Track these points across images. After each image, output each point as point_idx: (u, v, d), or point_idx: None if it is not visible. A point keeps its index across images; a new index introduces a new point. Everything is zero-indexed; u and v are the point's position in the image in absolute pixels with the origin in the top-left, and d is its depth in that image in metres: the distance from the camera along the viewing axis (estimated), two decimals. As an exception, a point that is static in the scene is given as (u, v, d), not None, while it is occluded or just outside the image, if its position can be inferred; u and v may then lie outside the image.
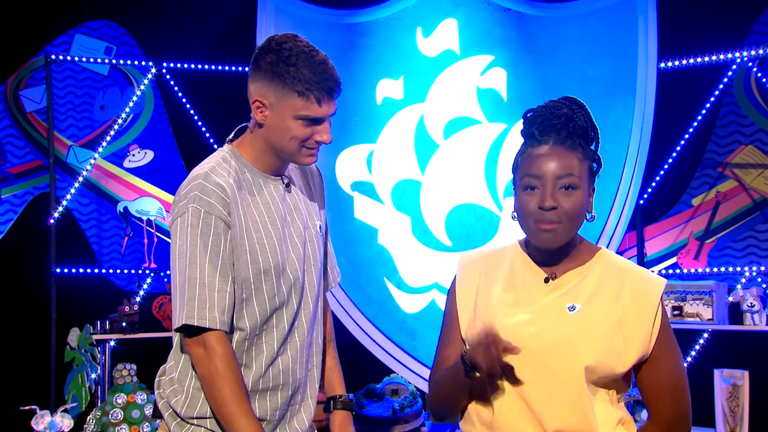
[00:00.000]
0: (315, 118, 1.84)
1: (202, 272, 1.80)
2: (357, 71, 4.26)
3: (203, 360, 1.81)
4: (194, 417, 1.89)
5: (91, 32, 4.51)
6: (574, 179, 1.64)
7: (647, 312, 1.67)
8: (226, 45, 4.57)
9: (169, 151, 4.56)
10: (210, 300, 1.80)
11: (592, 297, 1.68)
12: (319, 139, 1.87)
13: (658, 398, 1.71)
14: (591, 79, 4.03)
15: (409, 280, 4.19)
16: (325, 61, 1.85)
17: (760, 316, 3.69)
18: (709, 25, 4.12)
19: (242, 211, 1.86)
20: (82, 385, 3.81)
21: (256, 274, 1.86)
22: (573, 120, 1.68)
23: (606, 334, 1.64)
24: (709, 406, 3.71)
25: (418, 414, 3.79)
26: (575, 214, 1.65)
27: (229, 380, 1.80)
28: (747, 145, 4.08)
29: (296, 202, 1.99)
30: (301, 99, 1.81)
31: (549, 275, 1.72)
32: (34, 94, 4.44)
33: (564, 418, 1.62)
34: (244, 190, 1.89)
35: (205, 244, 1.80)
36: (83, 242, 4.41)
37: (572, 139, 1.68)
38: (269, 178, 1.94)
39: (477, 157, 4.14)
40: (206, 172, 1.86)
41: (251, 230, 1.87)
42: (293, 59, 1.82)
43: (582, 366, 1.62)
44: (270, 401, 1.92)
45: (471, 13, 4.22)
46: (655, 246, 4.23)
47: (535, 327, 1.66)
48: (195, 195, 1.82)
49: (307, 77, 1.81)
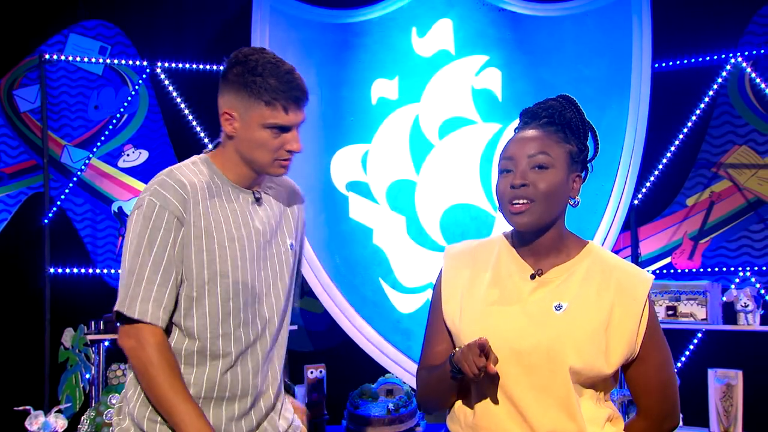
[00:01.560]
0: (282, 125, 1.85)
1: (143, 265, 1.82)
2: (352, 71, 4.26)
3: (135, 351, 1.82)
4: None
5: (85, 32, 4.50)
6: (547, 158, 1.64)
7: (634, 311, 1.66)
8: (221, 45, 4.56)
9: (163, 151, 4.55)
10: (145, 293, 1.81)
11: (579, 295, 1.66)
12: (289, 148, 1.88)
13: (648, 395, 1.71)
14: (585, 79, 4.04)
15: (404, 280, 4.19)
16: (292, 71, 1.88)
17: (754, 316, 3.70)
18: (703, 25, 4.14)
19: (203, 211, 1.86)
20: (76, 385, 3.80)
21: (211, 275, 1.86)
22: (558, 111, 1.69)
23: (592, 335, 1.63)
24: (703, 406, 3.72)
25: (413, 414, 3.79)
26: (549, 193, 1.63)
27: (163, 368, 1.81)
28: (741, 145, 4.09)
29: (267, 217, 1.98)
30: (268, 108, 1.84)
31: (536, 271, 1.70)
32: (28, 93, 4.43)
33: (551, 418, 1.61)
34: (210, 193, 1.89)
35: (153, 237, 1.83)
36: (77, 242, 4.41)
37: (552, 126, 1.69)
38: (239, 188, 1.94)
39: (472, 157, 4.14)
40: (171, 169, 1.90)
41: (212, 231, 1.87)
42: (259, 69, 1.85)
43: (567, 368, 1.60)
44: (226, 410, 1.89)
45: (466, 13, 4.23)
46: (650, 246, 4.24)
47: (521, 326, 1.64)
48: (154, 188, 1.86)
49: (273, 86, 1.83)
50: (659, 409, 1.71)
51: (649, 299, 1.69)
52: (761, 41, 4.04)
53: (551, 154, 1.65)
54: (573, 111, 1.71)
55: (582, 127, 1.71)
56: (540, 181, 1.63)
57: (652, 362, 1.69)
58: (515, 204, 1.64)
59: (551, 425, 1.61)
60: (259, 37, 4.21)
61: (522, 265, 1.72)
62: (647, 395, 1.71)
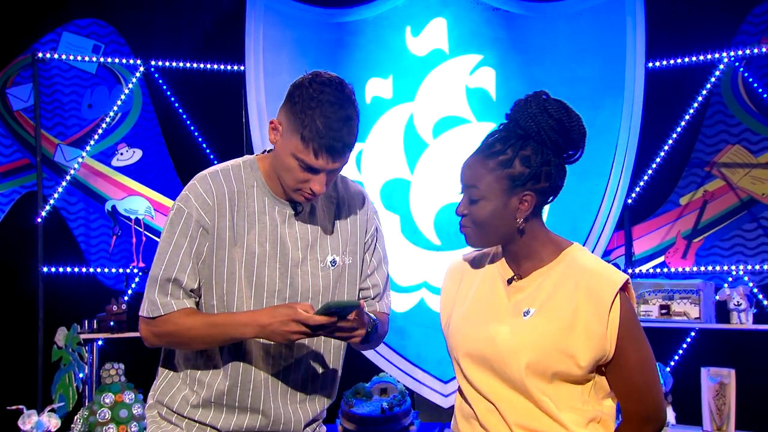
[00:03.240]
0: (309, 166, 1.82)
1: (169, 267, 1.86)
2: (346, 70, 4.25)
3: (167, 325, 1.87)
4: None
5: (78, 30, 4.48)
6: (476, 191, 1.74)
7: (600, 313, 1.65)
8: (214, 43, 4.56)
9: (157, 149, 4.54)
10: (172, 290, 1.87)
11: (547, 300, 1.69)
12: (311, 187, 1.84)
13: (627, 397, 1.70)
14: (579, 79, 4.05)
15: (398, 279, 4.19)
16: (346, 119, 1.80)
17: (747, 315, 3.71)
18: (697, 25, 4.15)
19: (229, 224, 1.88)
20: (69, 384, 3.79)
21: (229, 287, 1.89)
22: (507, 130, 1.74)
23: (550, 338, 1.65)
24: (696, 405, 3.73)
25: (407, 413, 3.79)
26: (481, 222, 1.74)
27: (196, 314, 1.88)
28: (734, 144, 4.11)
29: (303, 232, 1.94)
30: (302, 143, 1.79)
31: (513, 276, 1.76)
32: (21, 92, 4.41)
33: (526, 419, 1.67)
34: (241, 203, 1.90)
35: (180, 243, 1.87)
36: (71, 241, 4.39)
37: (493, 147, 1.73)
38: (277, 199, 1.92)
39: (466, 157, 4.12)
40: (207, 173, 1.92)
41: (236, 244, 1.88)
42: (314, 103, 1.78)
43: (522, 365, 1.65)
44: (237, 419, 1.93)
45: (460, 12, 4.23)
46: (643, 245, 4.25)
47: (492, 332, 1.71)
48: (185, 194, 1.89)
49: (315, 127, 1.77)
50: (641, 411, 1.69)
51: (623, 300, 1.67)
52: (754, 41, 4.05)
53: (481, 186, 1.73)
54: (531, 123, 1.69)
55: (549, 138, 1.68)
56: (473, 212, 1.75)
57: (628, 364, 1.67)
58: (461, 228, 1.78)
59: (523, 420, 1.67)
60: (253, 36, 4.21)
61: (506, 269, 1.79)
62: (626, 398, 1.70)
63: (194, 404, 1.92)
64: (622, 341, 1.66)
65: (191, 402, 1.92)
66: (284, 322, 1.76)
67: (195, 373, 1.93)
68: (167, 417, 1.96)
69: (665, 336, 4.02)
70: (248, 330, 1.80)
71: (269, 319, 1.78)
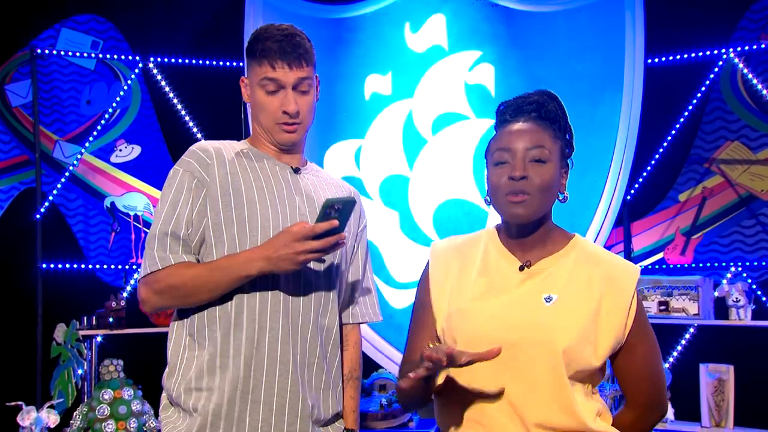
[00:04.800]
0: (272, 79, 1.88)
1: (165, 222, 1.86)
2: (345, 66, 4.25)
3: (169, 278, 1.84)
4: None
5: (77, 26, 4.48)
6: (544, 152, 1.65)
7: (622, 302, 1.66)
8: (213, 39, 4.55)
9: (156, 146, 4.54)
10: (169, 245, 1.85)
11: (568, 286, 1.66)
12: (284, 109, 1.89)
13: (635, 385, 1.72)
14: (579, 75, 4.04)
15: (398, 276, 4.19)
16: (292, 34, 1.91)
17: (746, 311, 3.71)
18: (696, 21, 4.14)
19: (231, 171, 1.89)
20: (68, 380, 3.79)
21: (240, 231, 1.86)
22: (544, 106, 1.70)
23: (582, 326, 1.62)
24: (694, 401, 3.73)
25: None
26: (545, 187, 1.64)
27: (197, 264, 1.86)
28: (733, 140, 4.10)
29: (306, 188, 1.97)
30: (257, 64, 1.90)
31: (524, 263, 1.71)
32: (19, 88, 4.41)
33: (542, 410, 1.59)
34: (240, 158, 1.92)
35: (176, 199, 1.87)
36: (70, 237, 4.39)
37: (543, 120, 1.69)
38: (275, 160, 1.96)
39: (465, 153, 4.14)
40: (202, 141, 1.98)
41: (241, 188, 1.88)
42: (263, 35, 1.92)
43: (560, 359, 1.58)
44: (252, 406, 1.84)
45: (459, 8, 4.23)
46: (642, 241, 4.25)
47: (511, 318, 1.63)
48: (182, 158, 1.93)
49: (266, 46, 1.89)
50: (646, 398, 1.73)
51: (636, 291, 1.70)
52: (754, 36, 4.05)
53: (547, 148, 1.66)
54: (554, 105, 1.72)
55: (565, 125, 1.72)
56: (536, 175, 1.64)
57: (639, 353, 1.69)
58: (513, 197, 1.64)
59: (542, 417, 1.60)
60: (252, 32, 4.20)
61: (510, 257, 1.73)
62: (634, 385, 1.72)
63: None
64: (635, 330, 1.68)
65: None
66: (287, 245, 1.73)
67: (188, 401, 1.87)
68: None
69: (664, 332, 4.02)
70: (254, 265, 1.76)
71: (272, 248, 1.75)
